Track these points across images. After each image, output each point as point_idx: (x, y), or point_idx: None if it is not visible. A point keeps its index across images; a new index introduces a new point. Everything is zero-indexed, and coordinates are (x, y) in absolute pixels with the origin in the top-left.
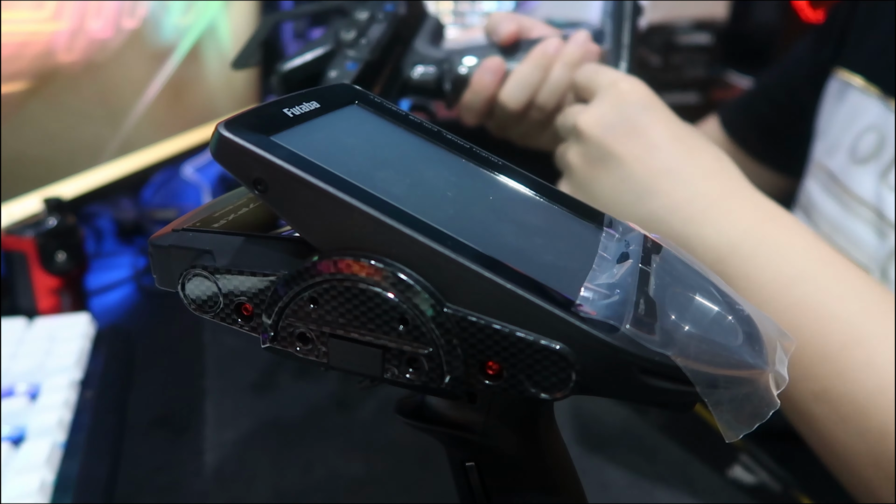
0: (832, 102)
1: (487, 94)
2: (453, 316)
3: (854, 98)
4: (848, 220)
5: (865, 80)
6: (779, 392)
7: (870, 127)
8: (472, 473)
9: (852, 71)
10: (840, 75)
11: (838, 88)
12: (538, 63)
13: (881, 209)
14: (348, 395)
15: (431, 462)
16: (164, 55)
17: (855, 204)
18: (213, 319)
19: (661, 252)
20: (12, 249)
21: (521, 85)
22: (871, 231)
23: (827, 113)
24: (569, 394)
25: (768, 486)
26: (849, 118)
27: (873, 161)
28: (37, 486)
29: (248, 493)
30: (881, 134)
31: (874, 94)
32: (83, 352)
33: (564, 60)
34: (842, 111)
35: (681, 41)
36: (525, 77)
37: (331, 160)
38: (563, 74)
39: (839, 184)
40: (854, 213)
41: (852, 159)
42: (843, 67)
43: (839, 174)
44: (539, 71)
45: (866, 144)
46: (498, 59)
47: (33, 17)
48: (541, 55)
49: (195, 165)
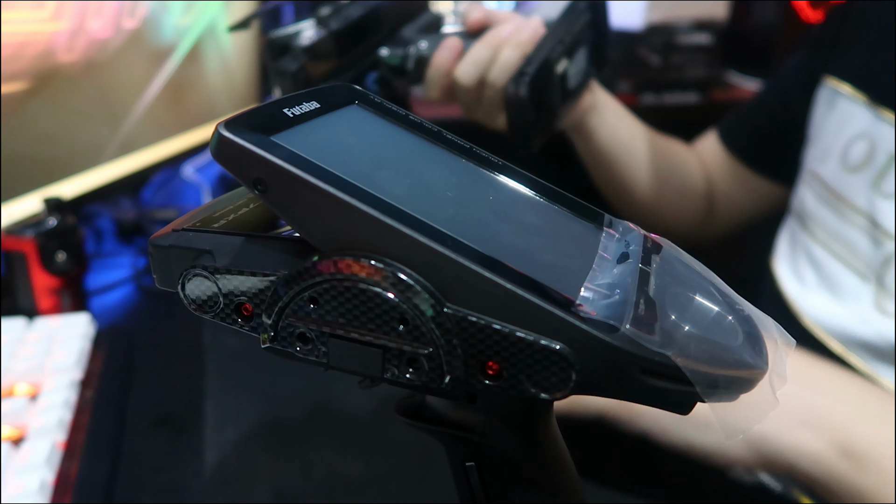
0: (823, 110)
1: (444, 69)
2: (453, 316)
3: (843, 106)
4: (843, 227)
5: (853, 88)
6: (779, 392)
7: (860, 135)
8: (472, 473)
9: (841, 79)
10: (829, 83)
11: (828, 96)
12: (489, 44)
13: (874, 217)
14: (348, 395)
15: (431, 462)
16: (164, 55)
17: (848, 211)
18: (213, 319)
19: (661, 252)
20: (12, 249)
21: (472, 62)
22: (865, 238)
23: (818, 120)
24: (569, 394)
25: (768, 486)
26: (839, 126)
27: (865, 169)
28: (37, 486)
29: (248, 493)
30: (872, 142)
31: (862, 102)
32: (83, 352)
33: (515, 42)
34: (832, 119)
35: (681, 41)
36: (476, 55)
37: (331, 160)
38: (512, 55)
39: (832, 191)
40: (848, 221)
41: (844, 167)
42: (832, 75)
43: (831, 182)
44: (489, 51)
45: (857, 153)
46: (456, 39)
47: (33, 17)
48: (493, 37)
49: (195, 165)
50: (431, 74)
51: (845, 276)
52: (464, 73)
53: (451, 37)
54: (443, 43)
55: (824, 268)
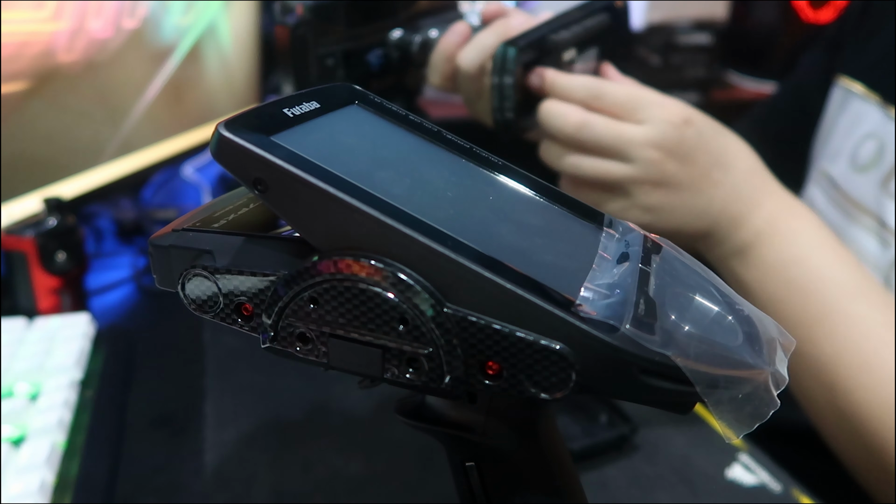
0: (835, 109)
1: (448, 53)
2: (453, 316)
3: (855, 105)
4: (850, 228)
5: (866, 88)
6: (779, 392)
7: (870, 134)
8: (472, 473)
9: (853, 78)
10: (842, 82)
11: (841, 96)
12: (496, 31)
13: (882, 217)
14: (348, 395)
15: (431, 462)
16: (164, 55)
17: (856, 211)
18: (213, 319)
19: (661, 252)
20: (12, 249)
21: (475, 47)
22: (873, 239)
23: (829, 120)
24: (569, 394)
25: (768, 486)
26: (850, 125)
27: (873, 169)
28: (37, 486)
29: (248, 493)
30: (881, 142)
31: (874, 102)
32: (83, 352)
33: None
34: (844, 118)
35: (681, 41)
36: (481, 41)
37: (331, 160)
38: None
39: (840, 191)
40: (856, 221)
41: (853, 167)
42: (844, 75)
43: (840, 181)
44: (495, 37)
45: (866, 152)
46: (464, 24)
47: (33, 17)
48: (502, 24)
49: (195, 165)
50: (436, 58)
51: None
52: (466, 58)
53: (461, 22)
54: (452, 26)
55: None
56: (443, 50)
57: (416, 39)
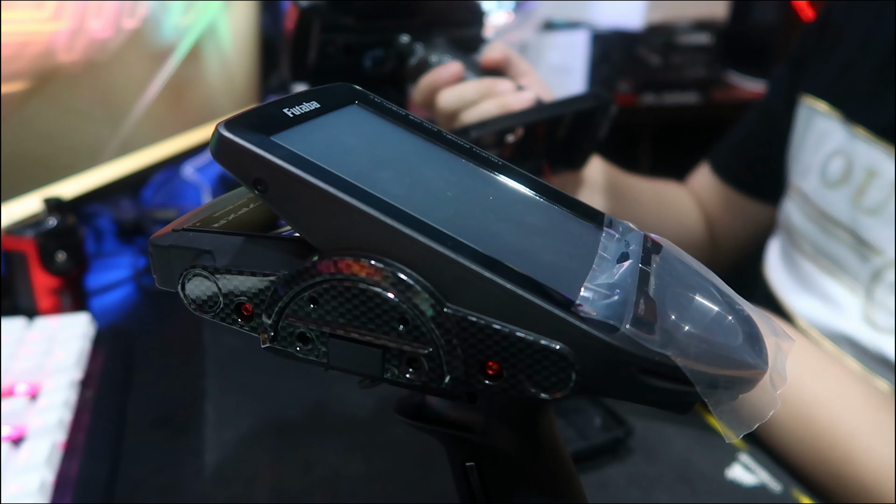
0: (802, 127)
1: (433, 86)
2: (453, 316)
3: (820, 123)
4: (829, 243)
5: (829, 105)
6: (779, 392)
7: (837, 151)
8: (472, 473)
9: (816, 96)
10: (806, 101)
11: (806, 114)
12: (480, 90)
13: (858, 233)
14: (348, 395)
15: (431, 462)
16: (164, 55)
17: (832, 226)
18: (213, 319)
19: (661, 252)
20: (12, 249)
21: (455, 94)
22: (852, 254)
23: (798, 137)
24: (569, 394)
25: (768, 486)
26: (817, 142)
27: (844, 185)
28: (37, 486)
29: (248, 493)
30: (848, 158)
31: (837, 119)
32: (83, 352)
33: (501, 101)
34: (810, 136)
35: (681, 41)
36: (462, 91)
37: (331, 160)
38: (491, 108)
39: (814, 207)
40: (833, 236)
41: (824, 183)
42: (808, 93)
43: (813, 197)
44: (475, 94)
45: (835, 168)
46: (459, 67)
47: (33, 17)
48: (488, 85)
49: (195, 165)
50: (423, 83)
51: (834, 288)
52: (444, 99)
53: (457, 63)
54: (448, 63)
55: (814, 281)
56: (430, 81)
57: (417, 52)
